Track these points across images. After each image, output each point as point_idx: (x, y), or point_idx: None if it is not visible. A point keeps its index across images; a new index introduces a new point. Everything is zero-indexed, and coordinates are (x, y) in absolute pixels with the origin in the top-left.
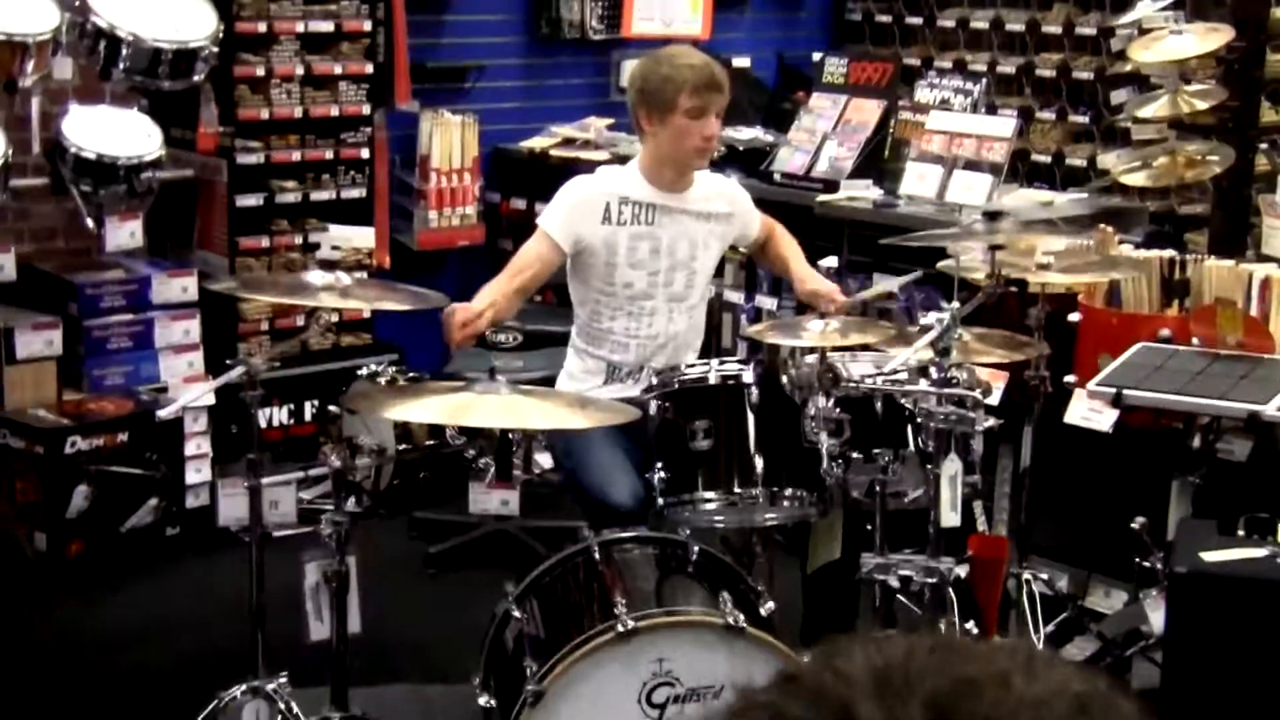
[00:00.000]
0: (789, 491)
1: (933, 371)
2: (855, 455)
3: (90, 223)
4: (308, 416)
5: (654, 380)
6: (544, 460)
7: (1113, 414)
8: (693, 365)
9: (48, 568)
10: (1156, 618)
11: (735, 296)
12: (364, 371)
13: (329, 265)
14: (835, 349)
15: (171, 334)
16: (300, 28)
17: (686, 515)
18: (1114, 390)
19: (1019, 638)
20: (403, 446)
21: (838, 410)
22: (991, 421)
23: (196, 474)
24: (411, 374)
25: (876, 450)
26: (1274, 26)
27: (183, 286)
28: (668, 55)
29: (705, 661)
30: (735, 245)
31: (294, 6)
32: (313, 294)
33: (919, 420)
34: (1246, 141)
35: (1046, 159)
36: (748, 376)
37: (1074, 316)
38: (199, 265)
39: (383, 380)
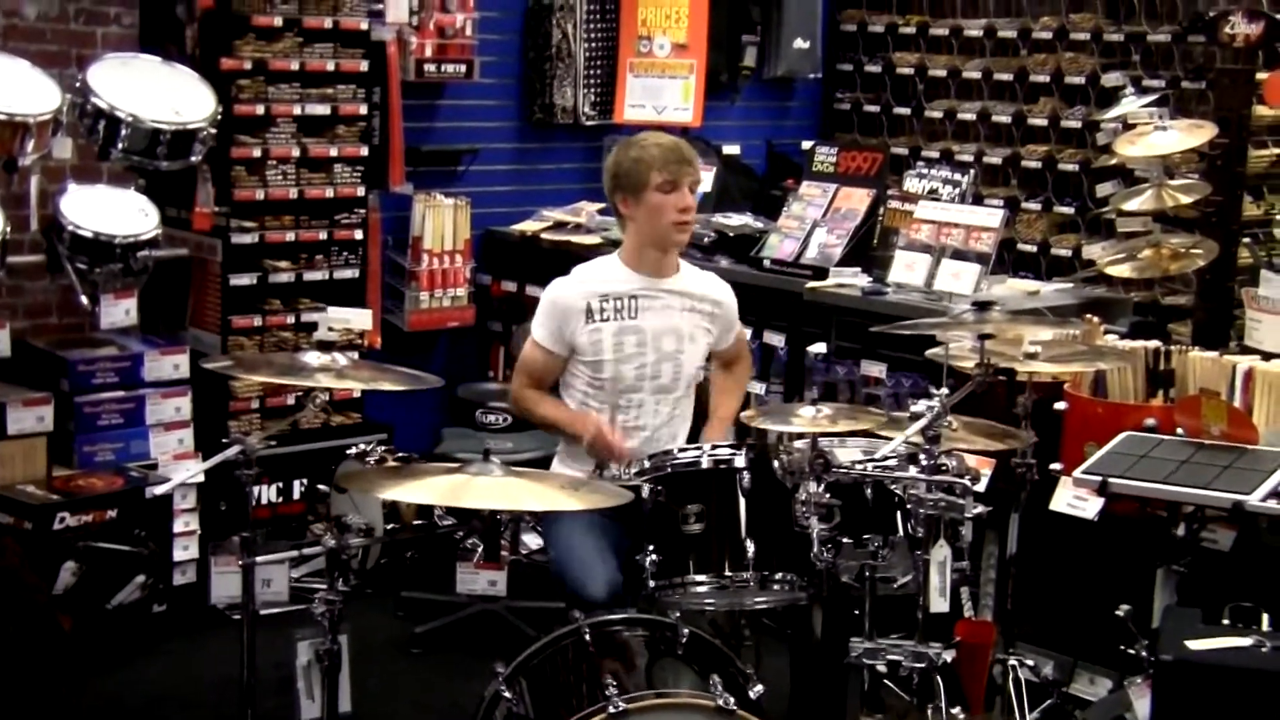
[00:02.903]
0: (779, 575)
1: (922, 458)
2: (845, 540)
3: (85, 300)
4: (296, 495)
5: (646, 464)
6: (531, 541)
7: (1098, 502)
8: (685, 449)
9: (79, 645)
10: (1141, 705)
11: None
12: (353, 451)
13: (326, 346)
14: (824, 435)
15: (163, 411)
16: (297, 110)
17: (677, 598)
18: (1100, 478)
19: None
20: (390, 526)
21: (828, 495)
22: (980, 508)
23: (184, 551)
24: (400, 454)
25: (866, 535)
26: (1256, 123)
27: (174, 364)
28: (636, 139)
29: None
30: (713, 345)
31: (291, 90)
32: (309, 374)
33: (908, 506)
34: (1229, 235)
35: (1032, 248)
36: (740, 461)
37: (1060, 405)
38: (191, 343)
39: (372, 460)
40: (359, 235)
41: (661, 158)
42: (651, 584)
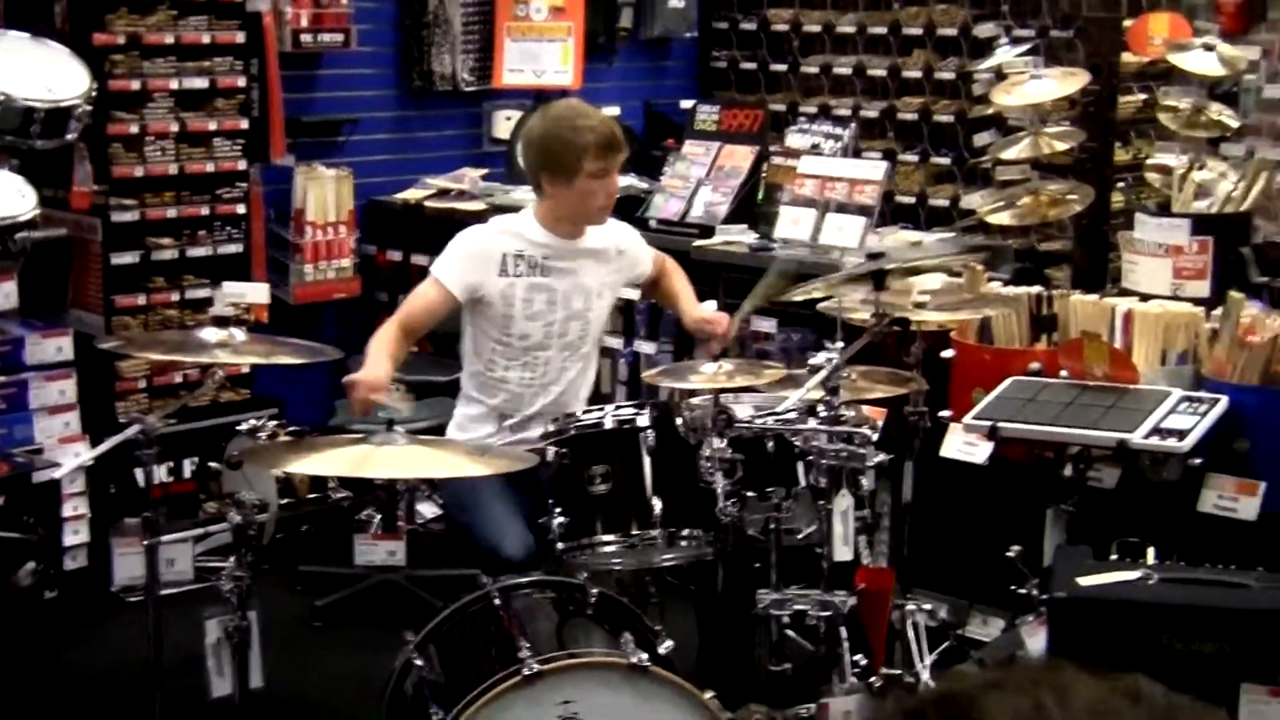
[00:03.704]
0: (686, 532)
1: (821, 410)
2: (749, 494)
3: None
4: (187, 473)
5: (550, 427)
6: (427, 510)
7: (988, 446)
8: (589, 411)
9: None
10: (1034, 643)
11: (614, 342)
12: (244, 427)
13: (222, 321)
14: (722, 391)
15: (47, 395)
16: (174, 85)
17: (585, 559)
18: (989, 423)
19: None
20: (285, 501)
21: (731, 451)
22: (881, 457)
23: (75, 536)
24: (293, 428)
25: (769, 489)
26: (1123, 70)
27: (58, 346)
28: (564, 117)
29: (610, 701)
30: (629, 285)
31: (167, 64)
32: (208, 351)
33: (810, 458)
34: (1103, 180)
35: (911, 200)
36: (643, 420)
37: (948, 353)
38: (74, 325)
39: (263, 435)
40: (241, 210)
41: (596, 145)
42: (560, 545)
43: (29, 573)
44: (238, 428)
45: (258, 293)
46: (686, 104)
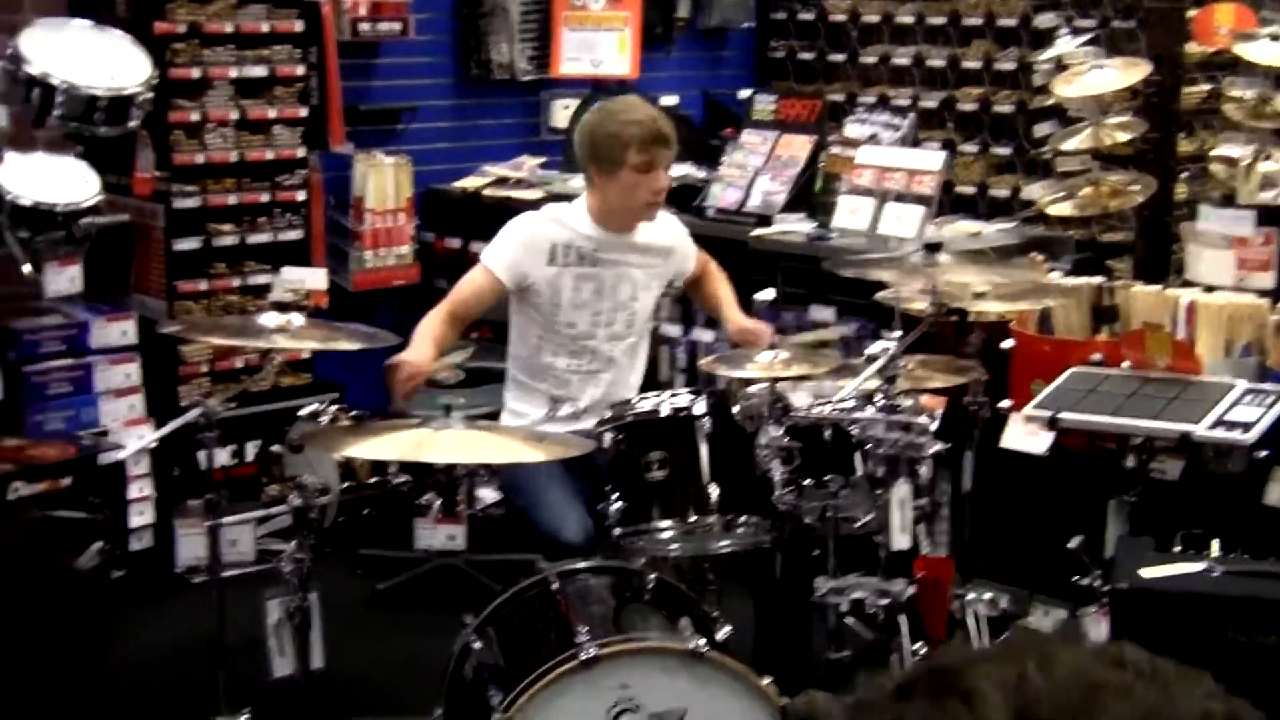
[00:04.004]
0: (743, 519)
1: (879, 399)
2: (806, 482)
3: (28, 269)
4: (249, 457)
5: (607, 414)
6: (487, 495)
7: (1048, 437)
8: (645, 398)
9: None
10: (1095, 634)
11: (672, 330)
12: (306, 411)
13: (282, 307)
14: (779, 379)
15: (111, 378)
16: (234, 73)
17: (642, 544)
18: (1049, 414)
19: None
20: (346, 485)
21: (788, 439)
22: (939, 445)
23: (140, 517)
24: (354, 413)
25: (827, 477)
26: (1187, 60)
27: (122, 330)
28: (615, 111)
29: (667, 686)
30: (674, 281)
31: (228, 52)
32: (267, 336)
33: (867, 447)
34: (1166, 171)
35: (971, 190)
36: (699, 408)
37: (1007, 343)
38: (137, 309)
39: (324, 420)
40: (301, 196)
41: (640, 137)
42: (617, 531)
43: (95, 553)
44: (299, 412)
45: (316, 278)
46: (744, 93)
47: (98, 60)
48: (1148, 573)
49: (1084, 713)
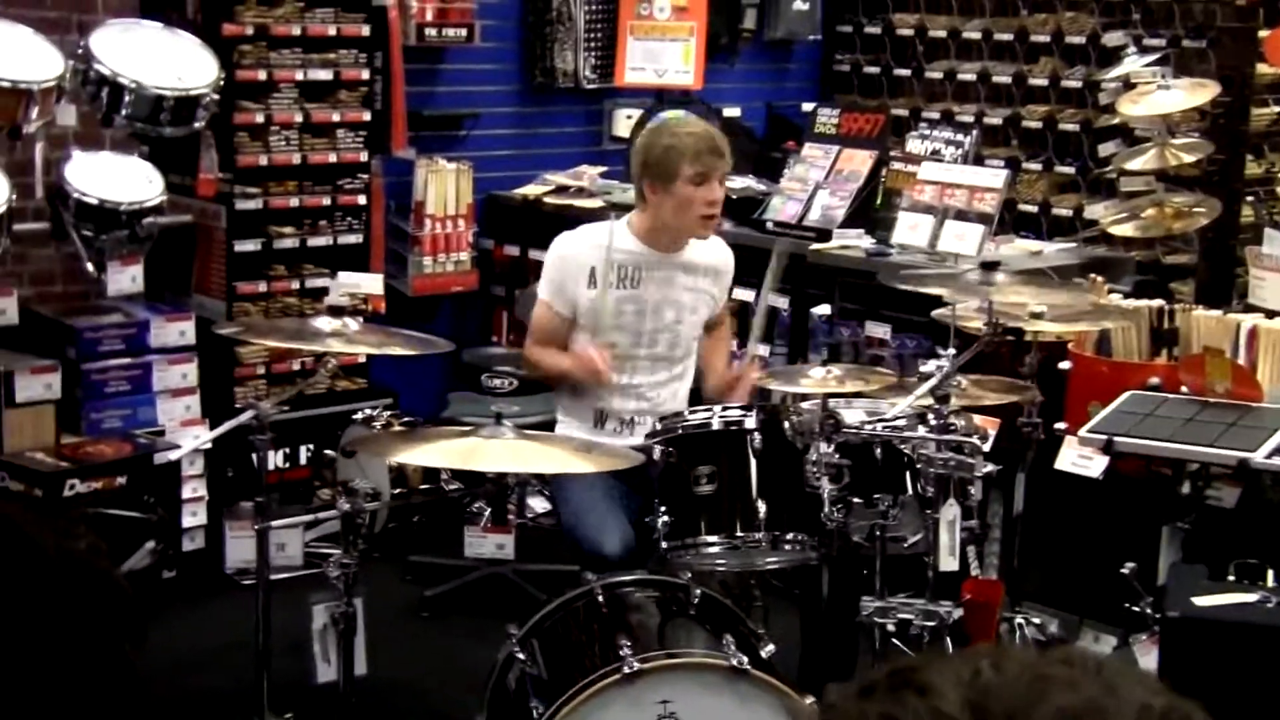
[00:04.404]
0: (790, 536)
1: (931, 418)
2: (855, 500)
3: (91, 267)
4: (303, 460)
5: (658, 426)
6: (538, 505)
7: (1103, 460)
8: (696, 411)
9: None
10: (1146, 661)
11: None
12: (359, 416)
13: (337, 311)
14: (831, 396)
15: (169, 378)
16: (300, 76)
17: (688, 559)
18: (1105, 437)
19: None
20: (397, 490)
21: (838, 456)
22: (990, 467)
23: (193, 517)
24: (407, 419)
25: (876, 495)
26: (1257, 81)
27: (180, 330)
28: (669, 126)
29: (709, 703)
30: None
31: (293, 55)
32: (322, 339)
33: (918, 466)
34: (1232, 194)
35: (1033, 209)
36: (750, 422)
37: (1064, 365)
38: (196, 310)
39: (378, 425)
40: (362, 200)
41: (694, 149)
42: (664, 545)
43: (148, 552)
44: (353, 416)
45: (372, 283)
46: (808, 107)
47: (166, 61)
48: (1201, 601)
49: (1030, 704)
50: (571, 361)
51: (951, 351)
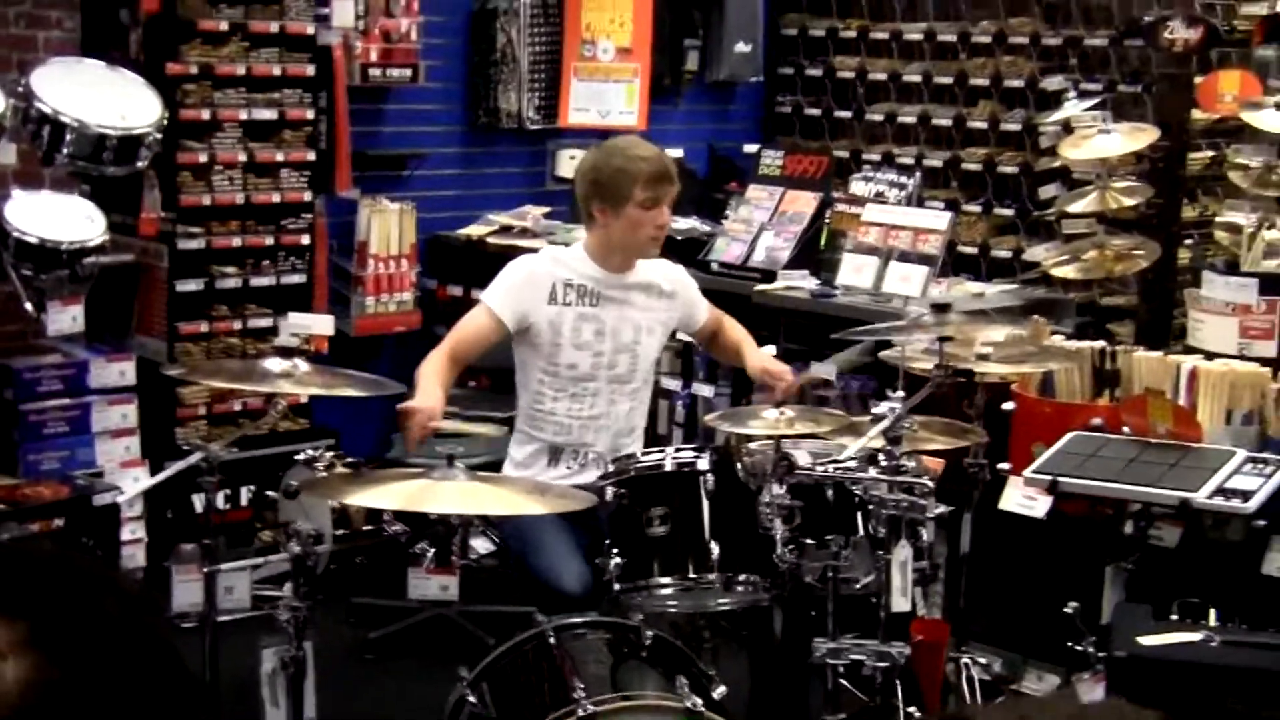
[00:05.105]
0: (742, 577)
1: (882, 459)
2: (808, 541)
3: (30, 307)
4: (243, 501)
5: (609, 467)
6: (481, 546)
7: (1047, 501)
8: (648, 453)
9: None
10: (1090, 700)
11: (672, 384)
12: (302, 457)
13: (287, 352)
14: (782, 438)
15: (109, 418)
16: (244, 115)
17: (641, 600)
18: (1050, 478)
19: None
20: (340, 532)
21: (790, 497)
22: (942, 508)
23: (131, 560)
24: (350, 460)
25: (828, 536)
26: (1193, 126)
27: (120, 370)
28: (621, 148)
29: None
30: (681, 330)
31: (238, 95)
32: (271, 380)
33: (870, 507)
34: (1170, 237)
35: (973, 250)
36: (703, 464)
37: (1008, 405)
38: (137, 350)
39: (320, 466)
40: (306, 240)
41: (648, 174)
42: (616, 586)
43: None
44: (295, 457)
45: (323, 324)
46: (750, 148)
47: (109, 100)
48: (1146, 641)
49: None
50: (416, 401)
51: (901, 393)
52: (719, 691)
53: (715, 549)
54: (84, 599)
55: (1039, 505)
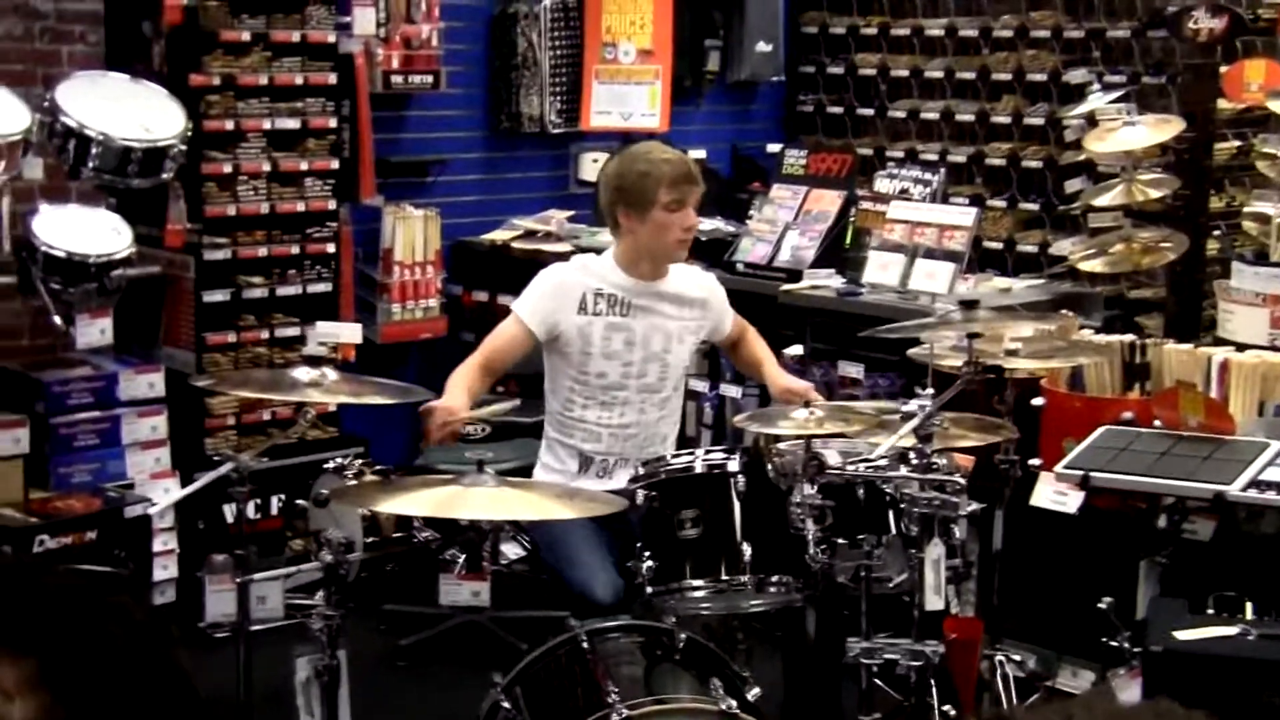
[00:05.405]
0: (775, 578)
1: (913, 457)
2: (840, 541)
3: (59, 320)
4: (274, 510)
5: (640, 470)
6: (512, 551)
7: (1079, 496)
8: (678, 455)
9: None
10: (1127, 696)
11: (699, 385)
12: (331, 465)
13: (315, 361)
14: (812, 437)
15: (139, 430)
16: (267, 125)
17: (673, 603)
18: (1081, 473)
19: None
20: (371, 539)
21: (821, 497)
22: (974, 505)
23: (164, 571)
24: (379, 468)
25: (860, 536)
26: (1219, 117)
27: (150, 382)
28: (642, 152)
29: None
30: (707, 339)
31: (261, 105)
32: (300, 389)
33: (902, 506)
34: (1198, 228)
35: (999, 246)
36: (733, 465)
37: (1038, 401)
38: (165, 361)
39: (350, 474)
40: (331, 249)
41: (671, 176)
42: (649, 589)
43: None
44: (325, 465)
45: (351, 333)
46: (773, 147)
47: (133, 113)
48: (1182, 635)
49: None
50: (437, 401)
51: (931, 391)
52: (753, 693)
53: (747, 550)
54: (92, 631)
55: (1071, 501)
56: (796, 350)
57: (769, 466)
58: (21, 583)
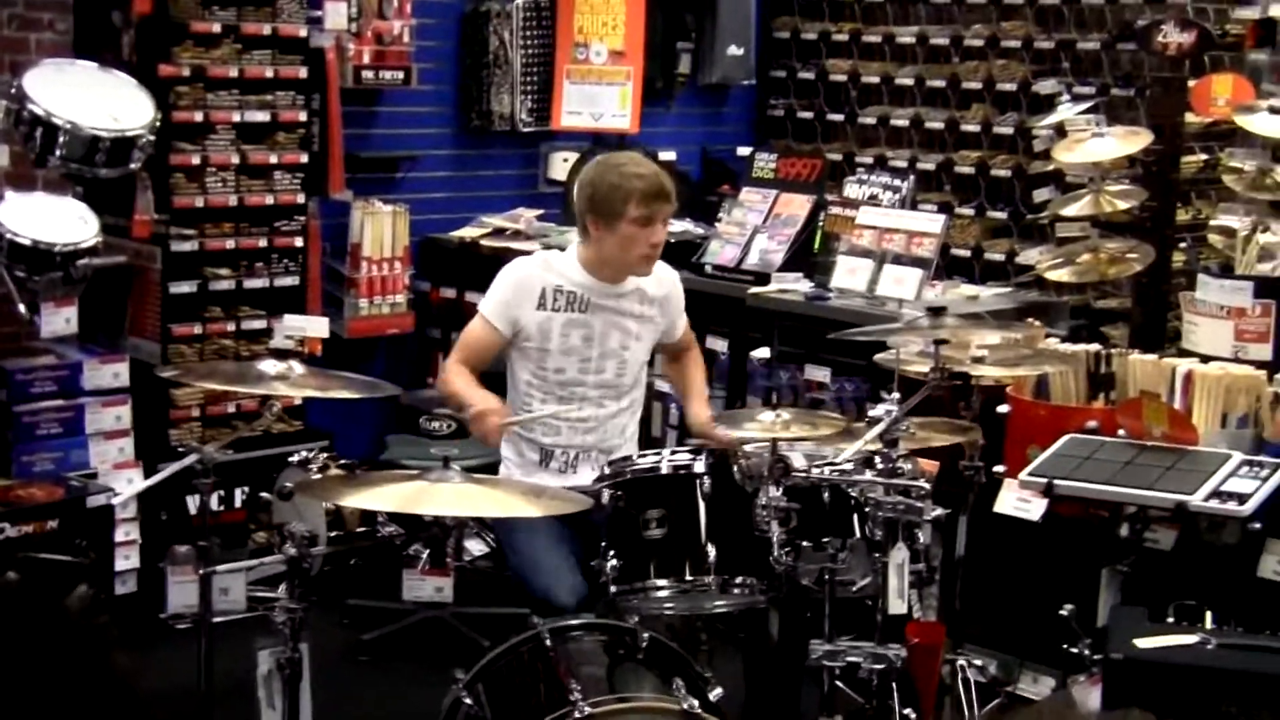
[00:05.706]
0: (739, 580)
1: (878, 462)
2: (804, 544)
3: (24, 309)
4: (238, 503)
5: (606, 469)
6: (475, 547)
7: (1042, 504)
8: (644, 455)
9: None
10: (1086, 702)
11: (665, 386)
12: (296, 458)
13: (281, 354)
14: (779, 440)
15: (102, 420)
16: (236, 117)
17: (637, 603)
18: (1045, 480)
19: None
20: (334, 533)
21: (786, 500)
22: (939, 511)
23: (125, 561)
24: (344, 462)
25: (825, 539)
26: (1187, 130)
27: (114, 372)
28: (617, 164)
29: None
30: (661, 340)
31: (231, 97)
32: (266, 382)
33: (866, 510)
34: (1164, 240)
35: (966, 253)
36: (699, 466)
37: (1003, 408)
38: (131, 351)
39: (314, 468)
40: (299, 242)
41: (642, 191)
42: (613, 589)
43: (80, 597)
44: (289, 459)
45: (318, 326)
46: (743, 151)
47: (101, 102)
48: (1143, 643)
49: None
50: (481, 404)
51: (897, 396)
52: (715, 693)
53: (712, 551)
54: (25, 633)
55: (1034, 508)
56: (764, 353)
57: (735, 468)
58: None
